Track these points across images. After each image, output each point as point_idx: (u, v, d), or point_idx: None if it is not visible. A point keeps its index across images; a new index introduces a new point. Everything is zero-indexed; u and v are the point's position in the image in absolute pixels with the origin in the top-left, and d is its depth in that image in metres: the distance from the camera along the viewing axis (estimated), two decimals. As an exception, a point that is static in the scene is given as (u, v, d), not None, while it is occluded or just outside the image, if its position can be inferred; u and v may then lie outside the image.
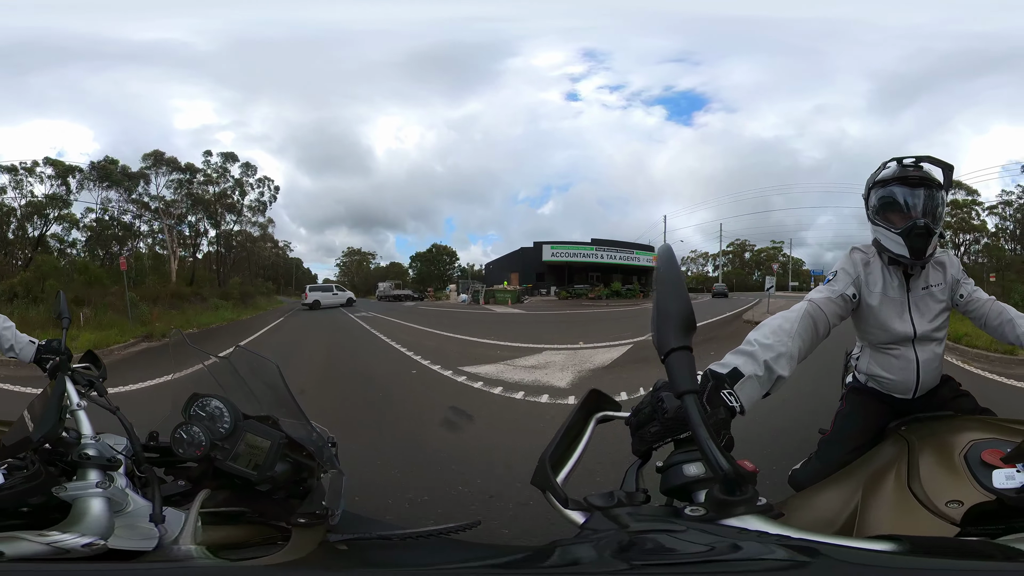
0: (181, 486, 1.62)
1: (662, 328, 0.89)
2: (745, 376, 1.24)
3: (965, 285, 2.00)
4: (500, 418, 5.44)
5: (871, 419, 2.00)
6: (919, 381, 1.94)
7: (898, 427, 1.80)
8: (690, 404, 0.86)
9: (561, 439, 1.11)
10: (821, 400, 3.06)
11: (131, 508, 1.43)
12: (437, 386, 6.91)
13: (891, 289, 1.90)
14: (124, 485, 1.44)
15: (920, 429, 1.66)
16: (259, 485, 1.58)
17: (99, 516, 1.38)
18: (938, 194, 1.86)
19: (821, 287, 1.83)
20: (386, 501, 3.08)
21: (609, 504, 0.95)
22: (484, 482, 3.40)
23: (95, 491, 1.39)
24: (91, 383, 1.68)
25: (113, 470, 1.44)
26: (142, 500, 1.45)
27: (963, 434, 1.41)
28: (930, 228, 1.82)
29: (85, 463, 1.42)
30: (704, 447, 0.84)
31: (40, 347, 1.94)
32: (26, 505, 1.43)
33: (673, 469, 0.99)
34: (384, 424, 5.17)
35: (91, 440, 1.46)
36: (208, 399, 1.63)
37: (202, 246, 34.50)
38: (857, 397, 2.10)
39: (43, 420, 1.42)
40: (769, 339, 1.34)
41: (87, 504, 1.38)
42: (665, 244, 1.01)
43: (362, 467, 3.38)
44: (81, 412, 1.52)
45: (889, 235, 1.85)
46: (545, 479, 1.01)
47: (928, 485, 1.22)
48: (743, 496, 0.86)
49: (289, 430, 1.64)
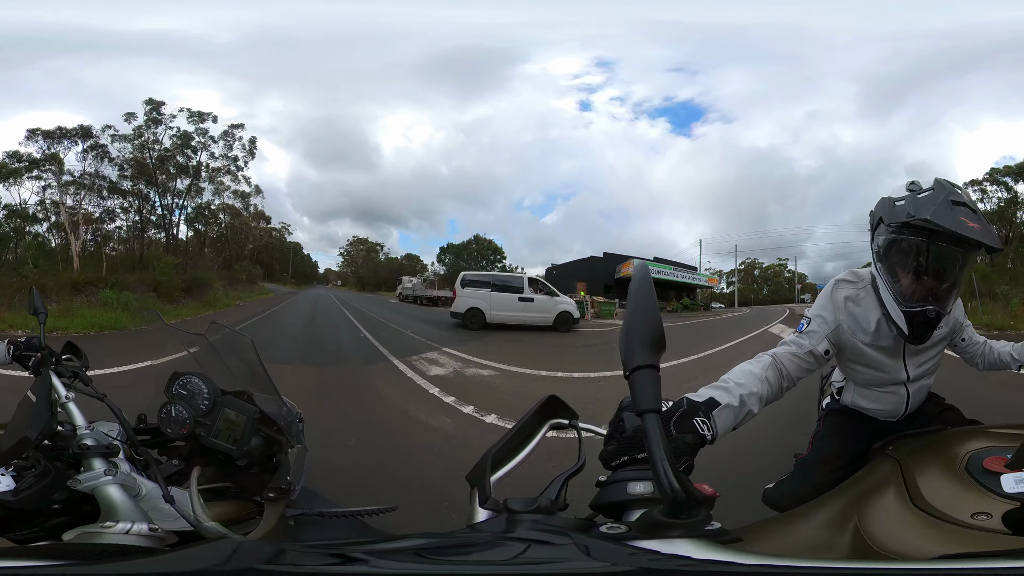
0: (175, 465, 1.67)
1: (629, 345, 0.87)
2: (722, 405, 1.27)
3: (966, 328, 1.91)
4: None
5: (851, 440, 1.90)
6: (907, 410, 1.86)
7: (884, 447, 1.71)
8: (650, 423, 0.84)
9: (509, 439, 1.12)
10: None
11: (144, 492, 1.48)
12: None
13: (885, 336, 1.69)
14: (129, 470, 1.48)
15: (908, 447, 1.59)
16: (238, 460, 1.63)
17: (125, 502, 1.43)
18: (970, 261, 1.54)
19: (791, 337, 1.66)
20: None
21: (523, 508, 0.95)
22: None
23: (106, 479, 1.43)
24: (75, 374, 1.67)
25: (113, 456, 1.47)
26: (149, 483, 1.50)
27: (958, 446, 1.38)
28: (941, 316, 1.57)
29: (86, 453, 1.45)
30: (657, 466, 0.82)
31: (19, 344, 1.89)
32: (54, 503, 1.46)
33: (616, 486, 0.98)
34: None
35: (86, 430, 1.48)
36: (188, 377, 1.66)
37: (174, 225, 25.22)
38: (837, 418, 2.01)
39: (36, 417, 1.42)
40: (741, 379, 1.38)
41: (107, 493, 1.43)
42: (641, 262, 1.01)
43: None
44: (71, 404, 1.54)
45: (891, 301, 1.60)
46: (479, 475, 1.04)
47: (938, 501, 1.18)
48: (689, 519, 0.85)
49: (262, 405, 1.69)
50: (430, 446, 4.56)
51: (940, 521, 1.13)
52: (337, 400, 6.24)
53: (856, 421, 1.93)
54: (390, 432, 5.01)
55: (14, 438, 1.40)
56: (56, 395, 1.53)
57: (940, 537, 1.09)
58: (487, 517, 0.98)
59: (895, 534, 1.12)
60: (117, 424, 1.56)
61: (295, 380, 7.00)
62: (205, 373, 1.70)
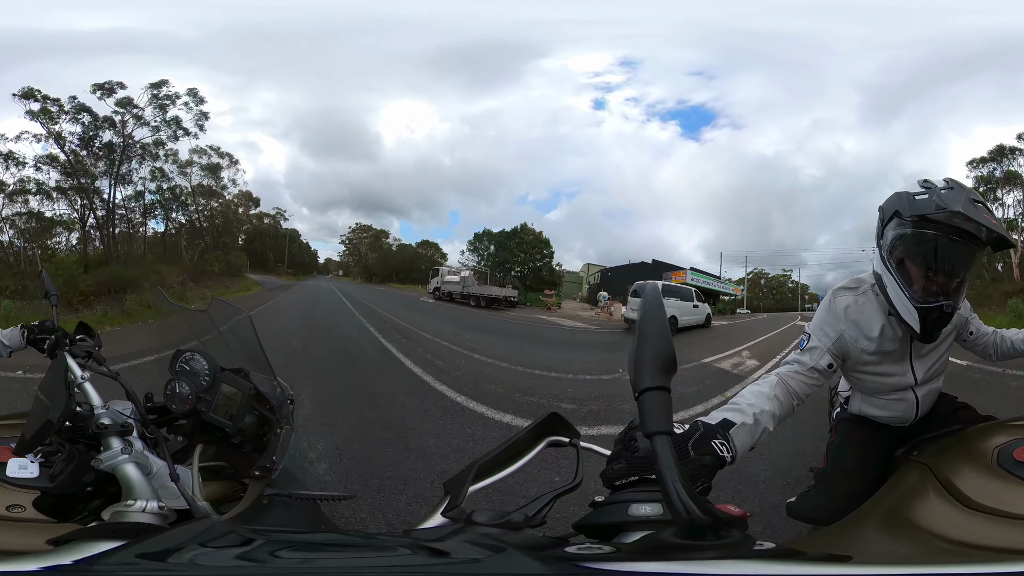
0: (180, 442, 1.71)
1: (639, 366, 0.85)
2: (737, 424, 1.27)
3: (973, 322, 1.88)
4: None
5: (868, 448, 1.86)
6: (918, 414, 1.82)
7: (907, 454, 1.68)
8: (659, 445, 0.81)
9: (501, 452, 1.09)
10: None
11: (155, 469, 1.52)
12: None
13: (889, 339, 1.66)
14: (142, 448, 1.52)
15: (933, 450, 1.56)
16: (233, 437, 1.69)
17: (141, 480, 1.47)
18: (981, 255, 1.55)
19: (793, 356, 1.65)
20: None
21: (486, 521, 0.90)
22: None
23: (123, 457, 1.47)
24: (89, 354, 1.68)
25: (128, 435, 1.50)
26: (158, 460, 1.54)
27: (983, 443, 1.36)
28: (954, 311, 1.57)
29: (104, 432, 1.48)
30: (669, 487, 0.80)
31: (33, 328, 1.89)
32: (86, 485, 1.50)
33: (615, 506, 0.95)
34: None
35: (103, 409, 1.51)
36: (190, 354, 1.71)
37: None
38: (849, 427, 1.96)
39: (56, 399, 1.45)
40: (752, 400, 1.40)
41: (125, 471, 1.47)
42: (652, 283, 1.06)
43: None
44: (87, 384, 1.56)
45: (903, 299, 1.57)
46: (458, 484, 1.00)
47: (987, 498, 1.14)
48: (718, 540, 0.82)
49: (258, 383, 1.74)
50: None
51: (1003, 518, 1.09)
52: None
53: (869, 429, 1.90)
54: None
55: (38, 423, 1.43)
56: (72, 376, 1.56)
57: (1009, 533, 1.06)
58: (437, 524, 0.95)
59: (958, 537, 1.07)
60: (129, 403, 1.60)
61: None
62: (205, 350, 1.75)
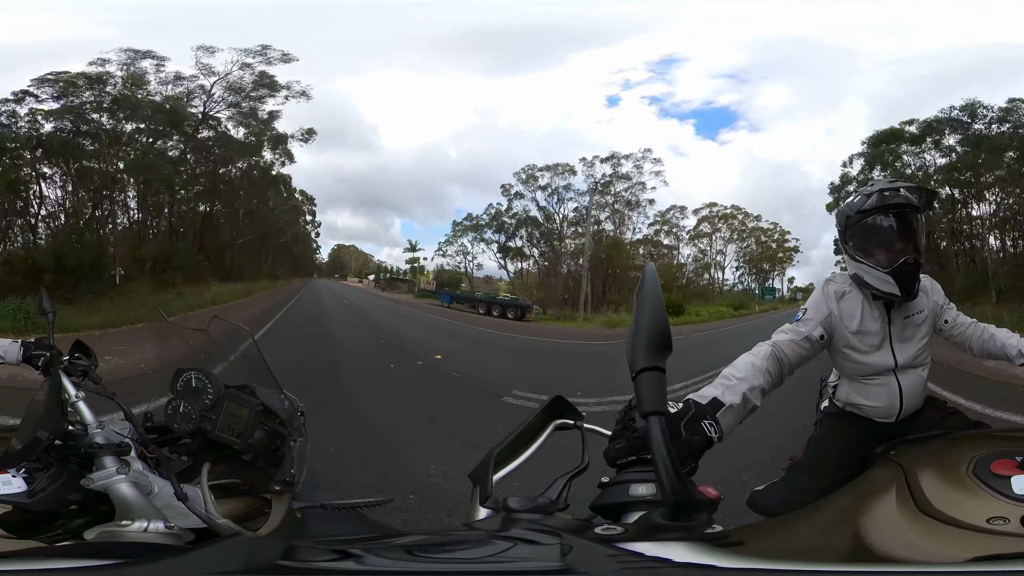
0: (184, 462, 1.67)
1: (636, 346, 0.86)
2: (726, 405, 1.34)
3: (948, 311, 1.94)
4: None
5: (849, 444, 1.91)
6: (902, 406, 1.87)
7: (886, 452, 1.71)
8: (653, 425, 0.83)
9: (514, 439, 1.12)
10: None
11: (157, 490, 1.48)
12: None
13: (870, 322, 1.83)
14: (141, 468, 1.49)
15: (911, 452, 1.58)
16: (243, 454, 1.66)
17: (139, 500, 1.44)
18: (921, 220, 1.80)
19: (787, 326, 1.76)
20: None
21: (521, 507, 0.95)
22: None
23: (118, 477, 1.44)
24: (85, 372, 1.66)
25: (125, 455, 1.48)
26: (161, 480, 1.50)
27: (963, 451, 1.36)
28: (919, 262, 1.76)
29: (97, 452, 1.45)
30: (661, 468, 0.82)
31: (29, 345, 1.87)
32: (71, 503, 1.46)
33: (619, 487, 0.98)
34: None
35: (97, 428, 1.48)
36: (191, 373, 1.69)
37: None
38: (834, 422, 2.00)
39: (47, 417, 1.42)
40: (743, 373, 1.48)
41: (120, 491, 1.43)
42: (650, 264, 1.01)
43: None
44: (81, 403, 1.53)
45: (876, 274, 1.77)
46: (482, 474, 1.04)
47: (948, 507, 1.14)
48: (690, 522, 0.84)
49: (263, 398, 1.72)
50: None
51: (954, 528, 1.09)
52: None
53: (854, 424, 1.93)
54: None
55: (26, 438, 1.40)
56: (66, 395, 1.53)
57: (956, 543, 1.05)
58: (486, 515, 0.98)
59: (901, 541, 1.09)
60: (127, 422, 1.57)
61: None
62: (207, 368, 1.72)
